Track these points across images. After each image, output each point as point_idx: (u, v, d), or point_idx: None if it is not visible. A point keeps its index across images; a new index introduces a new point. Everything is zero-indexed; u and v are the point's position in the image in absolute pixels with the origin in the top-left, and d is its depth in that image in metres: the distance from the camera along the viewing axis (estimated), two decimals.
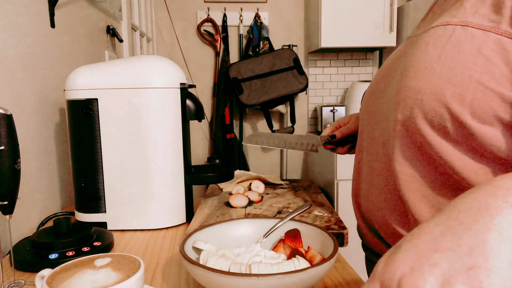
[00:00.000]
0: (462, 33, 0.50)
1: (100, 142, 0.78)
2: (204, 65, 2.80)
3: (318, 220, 0.73)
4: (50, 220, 0.87)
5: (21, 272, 0.61)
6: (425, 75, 0.51)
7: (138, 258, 0.46)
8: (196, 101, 0.85)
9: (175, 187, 0.82)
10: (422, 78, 0.52)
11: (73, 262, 0.46)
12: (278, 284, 0.46)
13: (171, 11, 2.71)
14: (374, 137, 0.63)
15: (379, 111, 0.62)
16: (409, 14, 2.51)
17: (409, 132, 0.55)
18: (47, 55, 0.97)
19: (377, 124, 0.63)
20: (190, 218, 0.84)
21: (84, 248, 0.64)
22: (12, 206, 0.53)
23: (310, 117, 2.95)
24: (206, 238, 0.60)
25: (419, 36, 0.57)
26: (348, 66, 2.94)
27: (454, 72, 0.49)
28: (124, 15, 1.79)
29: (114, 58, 1.58)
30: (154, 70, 0.79)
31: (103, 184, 0.79)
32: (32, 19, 0.90)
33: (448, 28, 0.52)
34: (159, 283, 0.58)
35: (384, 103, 0.60)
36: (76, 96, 0.78)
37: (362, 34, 2.54)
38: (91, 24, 1.33)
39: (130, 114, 0.78)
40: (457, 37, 0.50)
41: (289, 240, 0.59)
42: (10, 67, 0.79)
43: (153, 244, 0.73)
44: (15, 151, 0.51)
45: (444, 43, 0.51)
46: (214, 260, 0.52)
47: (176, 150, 0.81)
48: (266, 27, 2.73)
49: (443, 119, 0.50)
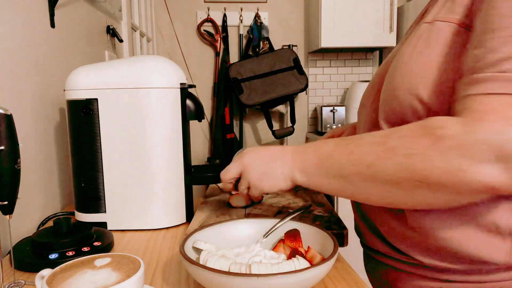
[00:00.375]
0: (431, 28, 0.54)
1: (100, 142, 0.78)
2: (204, 65, 2.80)
3: (318, 220, 0.73)
4: (50, 220, 0.87)
5: (21, 272, 0.61)
6: (401, 72, 0.55)
7: (138, 258, 0.46)
8: (196, 101, 0.85)
9: (175, 187, 0.82)
10: (399, 76, 0.56)
11: (73, 262, 0.46)
12: (278, 284, 0.46)
13: (171, 11, 2.71)
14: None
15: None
16: (409, 14, 2.51)
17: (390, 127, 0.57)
18: (47, 55, 0.97)
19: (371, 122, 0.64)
20: (190, 218, 0.84)
21: (84, 248, 0.64)
22: (12, 206, 0.53)
23: (310, 117, 2.95)
24: (206, 238, 0.60)
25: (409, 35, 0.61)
26: (348, 66, 2.94)
27: (424, 67, 0.53)
28: (124, 15, 1.79)
29: (114, 58, 1.58)
30: (154, 70, 0.79)
31: (103, 184, 0.79)
32: (32, 19, 0.90)
33: (422, 26, 0.57)
34: (159, 283, 0.58)
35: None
36: (76, 96, 0.78)
37: (362, 34, 2.54)
38: (91, 24, 1.33)
39: (130, 114, 0.78)
40: (427, 33, 0.55)
41: (289, 240, 0.59)
42: (10, 67, 0.79)
43: (153, 244, 0.73)
44: (15, 151, 0.51)
45: (416, 41, 0.56)
46: (214, 260, 0.52)
47: (176, 150, 0.81)
48: (266, 27, 2.73)
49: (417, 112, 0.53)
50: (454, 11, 0.53)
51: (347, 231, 0.69)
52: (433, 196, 0.47)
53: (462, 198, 0.46)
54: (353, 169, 0.51)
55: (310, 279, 0.48)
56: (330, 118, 2.63)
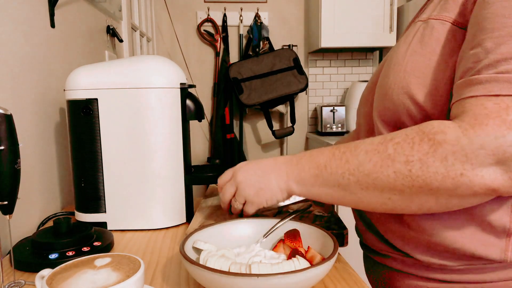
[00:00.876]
0: (425, 27, 0.54)
1: (100, 142, 0.78)
2: (204, 65, 2.80)
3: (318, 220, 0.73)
4: (50, 220, 0.87)
5: (21, 272, 0.61)
6: (395, 71, 0.55)
7: (138, 258, 0.46)
8: (196, 101, 0.85)
9: (175, 187, 0.82)
10: (392, 74, 0.55)
11: (73, 262, 0.46)
12: (278, 284, 0.46)
13: (171, 11, 2.71)
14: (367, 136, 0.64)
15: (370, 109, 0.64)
16: (409, 14, 2.51)
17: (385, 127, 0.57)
18: (47, 55, 0.97)
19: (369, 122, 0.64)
20: (190, 218, 0.84)
21: (84, 248, 0.64)
22: (12, 206, 0.53)
23: (310, 117, 2.95)
24: (206, 238, 0.60)
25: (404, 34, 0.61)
26: (348, 66, 2.94)
27: (417, 65, 0.53)
28: (124, 15, 1.79)
29: (114, 58, 1.58)
30: (154, 70, 0.79)
31: (103, 184, 0.79)
32: (32, 19, 0.90)
33: (416, 25, 0.57)
34: (159, 283, 0.58)
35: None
36: (76, 96, 0.78)
37: (362, 34, 2.54)
38: (91, 24, 1.33)
39: (130, 114, 0.78)
40: (421, 32, 0.54)
41: (288, 240, 0.59)
42: (10, 67, 0.79)
43: (153, 244, 0.73)
44: (15, 151, 0.51)
45: (411, 39, 0.55)
46: (214, 260, 0.52)
47: (176, 150, 0.81)
48: (266, 27, 2.73)
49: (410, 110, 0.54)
50: (448, 9, 0.53)
51: (347, 231, 0.69)
52: (435, 201, 0.47)
53: (464, 202, 0.46)
54: (351, 179, 0.51)
55: (310, 279, 0.48)
56: (330, 118, 2.63)
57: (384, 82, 0.57)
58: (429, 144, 0.45)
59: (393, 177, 0.47)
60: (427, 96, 0.52)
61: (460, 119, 0.44)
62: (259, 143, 2.92)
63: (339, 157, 0.52)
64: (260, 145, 2.93)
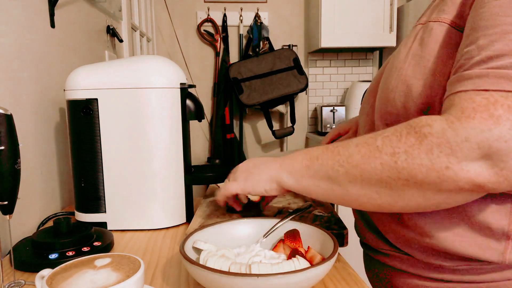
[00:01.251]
0: (425, 29, 0.55)
1: (100, 142, 0.78)
2: (204, 65, 2.80)
3: (318, 220, 0.73)
4: (50, 220, 0.87)
5: (21, 272, 0.61)
6: (395, 74, 0.56)
7: (138, 258, 0.46)
8: (196, 101, 0.85)
9: (175, 187, 0.82)
10: (393, 77, 0.56)
11: (73, 262, 0.46)
12: (278, 284, 0.46)
13: (171, 11, 2.71)
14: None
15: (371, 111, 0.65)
16: (409, 14, 2.51)
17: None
18: (47, 55, 0.97)
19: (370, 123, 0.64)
20: (190, 218, 0.84)
21: (84, 248, 0.64)
22: (12, 206, 0.53)
23: (310, 117, 2.96)
24: (206, 238, 0.60)
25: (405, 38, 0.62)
26: (348, 66, 2.94)
27: (418, 68, 0.53)
28: (124, 15, 1.79)
29: (114, 58, 1.58)
30: (154, 70, 0.79)
31: (103, 184, 0.79)
32: (32, 19, 0.90)
33: (416, 28, 0.57)
34: (159, 283, 0.58)
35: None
36: (76, 96, 0.78)
37: (362, 34, 2.54)
38: (91, 24, 1.33)
39: (130, 114, 0.78)
40: (421, 35, 0.55)
41: (288, 240, 0.59)
42: (10, 67, 0.79)
43: (153, 244, 0.73)
44: (15, 151, 0.51)
45: (411, 43, 0.56)
46: (214, 260, 0.52)
47: (176, 150, 0.81)
48: (266, 27, 2.73)
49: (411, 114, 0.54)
50: (446, 10, 0.53)
51: (347, 231, 0.69)
52: (422, 196, 0.46)
53: (451, 198, 0.46)
54: (340, 170, 0.51)
55: (310, 279, 0.48)
56: (330, 118, 2.63)
57: (386, 86, 0.57)
58: (415, 136, 0.45)
59: (380, 169, 0.47)
60: (428, 98, 0.52)
61: (448, 113, 0.44)
62: (259, 143, 2.92)
63: (331, 150, 0.53)
64: (260, 145, 2.93)
